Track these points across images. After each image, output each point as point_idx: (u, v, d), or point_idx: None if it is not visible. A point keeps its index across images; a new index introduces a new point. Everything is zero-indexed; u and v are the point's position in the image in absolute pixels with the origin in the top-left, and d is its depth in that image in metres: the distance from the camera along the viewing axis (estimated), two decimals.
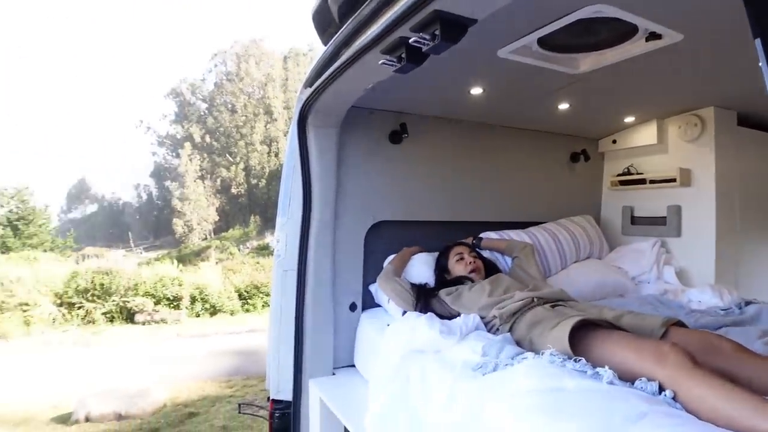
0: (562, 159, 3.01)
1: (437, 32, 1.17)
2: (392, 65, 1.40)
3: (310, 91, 1.89)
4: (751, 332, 1.76)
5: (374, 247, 2.39)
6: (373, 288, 2.40)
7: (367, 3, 1.28)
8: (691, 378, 1.17)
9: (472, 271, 2.19)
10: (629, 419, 1.07)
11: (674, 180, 2.64)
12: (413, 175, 2.48)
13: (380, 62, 1.41)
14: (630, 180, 2.92)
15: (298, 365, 2.14)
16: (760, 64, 0.96)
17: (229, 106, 28.44)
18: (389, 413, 1.68)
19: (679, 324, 1.63)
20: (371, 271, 2.40)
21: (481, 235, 2.53)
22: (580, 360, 1.38)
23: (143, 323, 10.74)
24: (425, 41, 1.22)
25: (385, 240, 2.42)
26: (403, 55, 1.33)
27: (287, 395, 2.13)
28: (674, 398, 1.17)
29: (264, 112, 27.57)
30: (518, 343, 1.64)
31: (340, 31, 1.50)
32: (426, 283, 2.20)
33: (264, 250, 18.33)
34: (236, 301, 12.00)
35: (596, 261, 2.77)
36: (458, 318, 1.82)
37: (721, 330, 1.82)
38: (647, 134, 2.78)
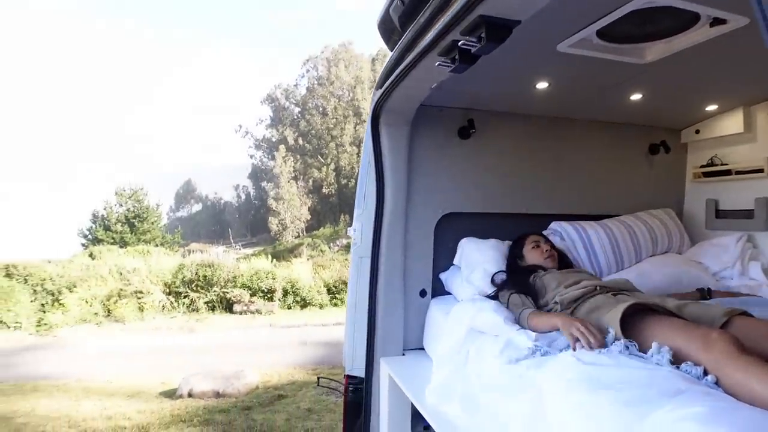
0: (640, 151, 2.93)
1: (483, 35, 1.29)
2: (448, 66, 1.53)
3: (380, 92, 2.07)
4: None
5: (444, 237, 2.52)
6: (443, 276, 2.53)
7: (422, 12, 1.43)
8: (734, 363, 1.19)
9: (547, 258, 2.26)
10: (665, 394, 1.13)
11: (762, 170, 2.50)
12: (481, 169, 2.58)
13: (437, 64, 1.55)
14: (714, 171, 2.79)
15: (370, 344, 2.32)
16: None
17: (320, 109, 29.65)
18: (447, 385, 1.81)
19: (746, 315, 1.60)
20: (441, 260, 2.53)
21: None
22: (632, 344, 1.43)
23: (240, 313, 11.65)
24: (473, 44, 1.35)
25: (455, 231, 2.54)
26: (456, 57, 1.46)
27: (360, 372, 2.33)
28: (716, 383, 1.19)
29: (353, 114, 28.45)
30: None
31: (402, 38, 1.66)
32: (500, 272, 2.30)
33: None
34: (325, 295, 12.63)
35: (674, 255, 2.68)
36: None
37: None
38: (733, 123, 2.65)
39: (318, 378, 2.45)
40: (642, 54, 1.99)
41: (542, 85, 2.27)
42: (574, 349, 1.48)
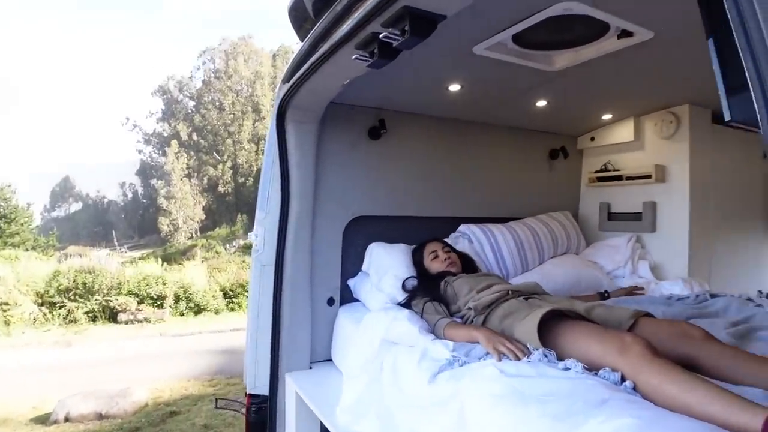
0: (542, 156, 3.04)
1: (407, 28, 1.19)
2: (365, 60, 1.42)
3: (288, 86, 1.90)
4: (718, 323, 1.80)
5: (353, 242, 2.41)
6: (351, 283, 2.42)
7: None
8: (650, 368, 1.20)
9: (449, 265, 2.22)
10: (591, 405, 1.10)
11: (650, 176, 2.69)
12: (392, 171, 2.50)
13: (354, 57, 1.43)
14: (607, 176, 2.96)
15: (274, 359, 2.14)
16: (713, 66, 0.99)
17: (217, 103, 28.25)
18: (361, 402, 1.70)
19: (649, 316, 1.67)
20: (350, 266, 2.42)
21: None
22: (550, 353, 1.41)
23: (126, 322, 10.66)
24: (395, 37, 1.24)
25: (363, 235, 2.43)
26: (375, 51, 1.35)
27: (264, 390, 2.14)
28: (634, 388, 1.20)
29: (252, 110, 27.47)
30: None
31: (315, 27, 1.51)
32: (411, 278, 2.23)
33: (251, 249, 18.26)
34: (221, 299, 11.96)
35: (573, 256, 2.80)
36: None
37: (689, 321, 1.87)
38: (624, 131, 2.83)
39: (215, 399, 2.21)
40: (552, 61, 2.02)
41: (455, 88, 2.23)
42: (499, 360, 1.43)
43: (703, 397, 1.08)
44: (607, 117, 2.81)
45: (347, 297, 2.41)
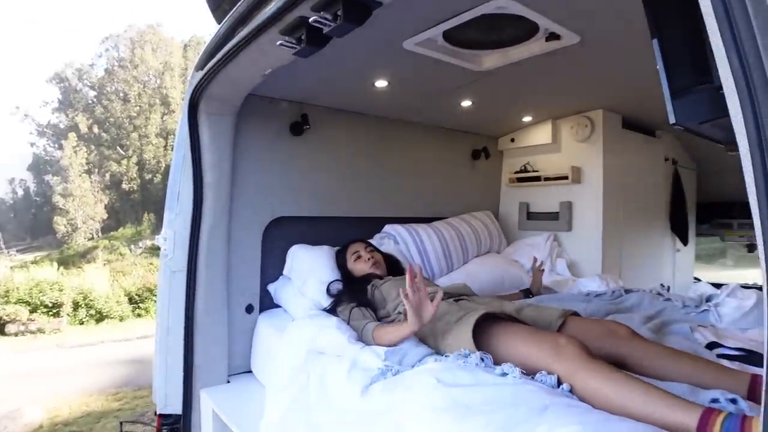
0: (465, 156, 3.06)
1: (340, 13, 1.09)
2: (291, 48, 1.30)
3: (201, 74, 1.72)
4: (635, 318, 1.87)
5: (274, 245, 2.26)
6: (272, 288, 2.27)
7: None
8: (586, 370, 1.20)
9: (372, 266, 2.13)
10: (534, 412, 1.07)
11: (566, 177, 2.78)
12: (315, 169, 2.38)
13: (278, 43, 1.30)
14: (526, 177, 3.04)
15: (188, 375, 1.95)
16: (658, 67, 0.98)
17: (121, 95, 26.28)
18: (287, 419, 1.57)
19: (576, 314, 1.69)
20: (270, 270, 2.27)
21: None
22: (487, 356, 1.38)
23: (16, 334, 9.58)
24: (327, 22, 1.13)
25: (284, 237, 2.29)
26: (303, 37, 1.23)
27: (176, 408, 1.94)
28: (571, 390, 1.19)
29: (160, 103, 25.84)
30: (423, 340, 1.61)
31: (235, 8, 1.36)
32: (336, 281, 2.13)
33: (158, 250, 17.17)
34: (126, 305, 11.09)
35: (495, 255, 2.84)
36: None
37: (609, 317, 1.93)
38: (543, 134, 2.90)
39: (120, 423, 1.98)
40: (480, 61, 2.00)
41: (381, 84, 2.16)
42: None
43: (640, 397, 1.09)
44: (527, 119, 2.87)
45: (267, 303, 2.26)
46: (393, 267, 2.23)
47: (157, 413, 1.94)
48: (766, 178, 0.48)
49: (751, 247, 3.84)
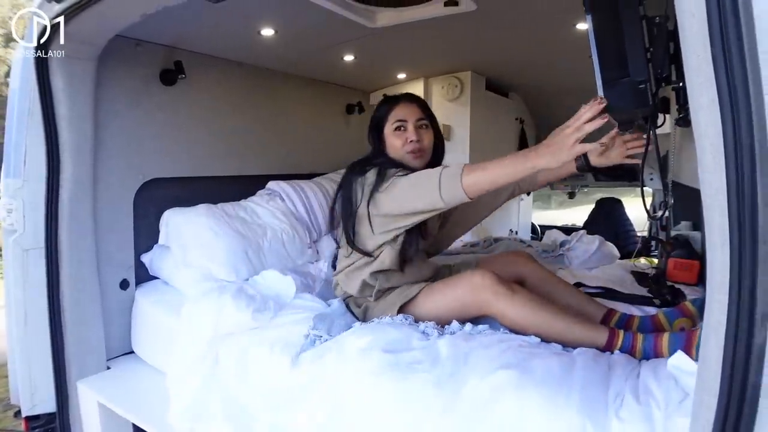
0: (340, 111, 3.01)
1: None
2: None
3: (59, 7, 1.39)
4: None
5: (147, 211, 2.00)
6: (146, 259, 2.03)
7: None
8: (503, 296, 1.33)
9: (410, 152, 1.57)
10: (459, 363, 1.17)
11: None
12: (191, 124, 2.13)
13: None
14: None
15: (59, 367, 1.68)
16: (591, 46, 1.06)
17: None
18: (199, 404, 1.46)
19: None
20: (144, 239, 2.01)
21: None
22: (409, 317, 1.44)
23: None
24: None
25: (158, 201, 2.03)
26: None
27: (48, 407, 1.67)
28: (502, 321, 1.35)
29: None
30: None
31: None
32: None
33: None
34: None
35: None
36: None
37: None
38: (415, 91, 2.95)
39: None
40: (374, 18, 1.95)
41: (268, 32, 1.99)
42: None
43: (558, 321, 1.31)
44: (401, 76, 2.92)
45: (143, 276, 2.02)
46: (436, 162, 1.67)
47: (23, 417, 1.65)
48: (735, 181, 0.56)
49: (571, 195, 4.51)
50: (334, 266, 1.88)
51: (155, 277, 2.05)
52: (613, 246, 2.42)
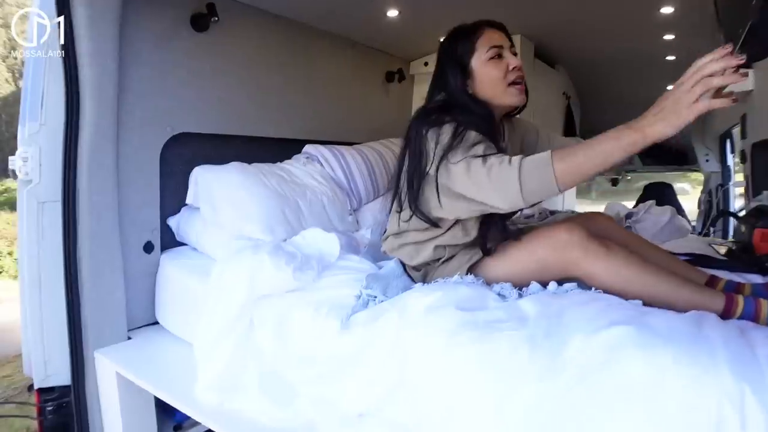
0: (379, 78, 2.82)
1: None
2: None
3: None
4: None
5: (174, 169, 1.81)
6: (173, 222, 1.85)
7: None
8: (594, 256, 1.12)
9: (515, 82, 1.31)
10: (555, 323, 0.96)
11: None
12: (223, 78, 1.95)
13: None
14: None
15: (75, 336, 1.49)
16: None
17: None
18: (231, 374, 1.26)
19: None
20: (170, 199, 1.83)
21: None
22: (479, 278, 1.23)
23: None
24: None
25: (186, 159, 1.84)
26: None
27: (62, 378, 1.49)
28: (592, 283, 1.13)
29: None
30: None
31: None
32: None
33: (12, 177, 13.81)
34: None
35: None
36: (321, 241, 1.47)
37: None
38: None
39: None
40: None
41: None
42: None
43: (664, 283, 1.10)
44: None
45: (169, 241, 1.84)
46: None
47: (35, 388, 1.47)
48: None
49: (614, 181, 4.25)
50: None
51: (183, 244, 1.87)
52: (683, 219, 2.18)
